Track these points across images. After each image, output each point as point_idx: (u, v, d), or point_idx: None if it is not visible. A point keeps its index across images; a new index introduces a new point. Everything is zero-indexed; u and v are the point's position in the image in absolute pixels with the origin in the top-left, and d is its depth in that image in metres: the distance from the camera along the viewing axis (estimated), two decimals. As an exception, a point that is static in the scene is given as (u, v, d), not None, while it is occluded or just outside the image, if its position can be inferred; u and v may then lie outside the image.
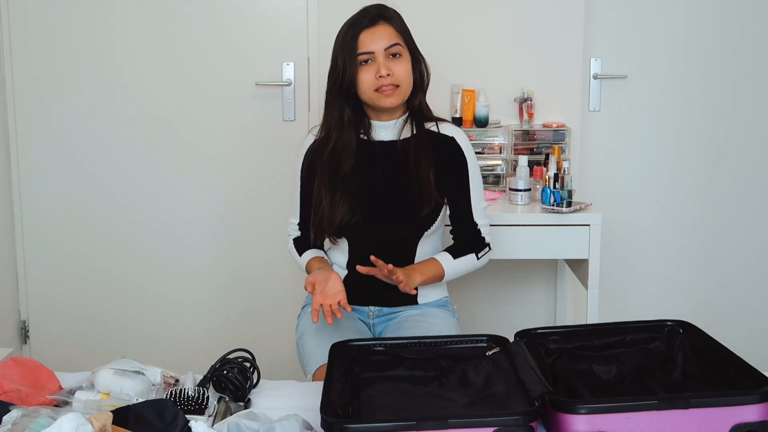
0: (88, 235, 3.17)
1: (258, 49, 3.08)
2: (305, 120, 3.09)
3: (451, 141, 2.16)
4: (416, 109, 2.16)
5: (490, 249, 2.19)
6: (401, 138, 2.15)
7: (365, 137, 2.15)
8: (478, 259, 2.17)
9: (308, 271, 2.16)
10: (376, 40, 2.07)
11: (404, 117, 2.16)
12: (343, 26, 2.13)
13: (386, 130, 2.16)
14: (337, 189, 2.11)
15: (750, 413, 1.41)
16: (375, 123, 2.15)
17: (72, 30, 3.06)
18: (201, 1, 3.06)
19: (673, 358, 1.70)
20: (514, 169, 2.79)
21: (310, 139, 2.21)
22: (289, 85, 3.08)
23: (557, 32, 3.03)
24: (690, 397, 1.42)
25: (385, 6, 2.14)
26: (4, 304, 3.13)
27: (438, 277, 2.14)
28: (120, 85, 3.09)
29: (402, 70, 2.08)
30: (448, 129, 2.18)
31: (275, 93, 3.10)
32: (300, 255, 2.22)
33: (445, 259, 2.14)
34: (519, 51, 3.05)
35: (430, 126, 2.17)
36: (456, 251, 2.16)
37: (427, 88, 2.19)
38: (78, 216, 3.15)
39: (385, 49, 2.07)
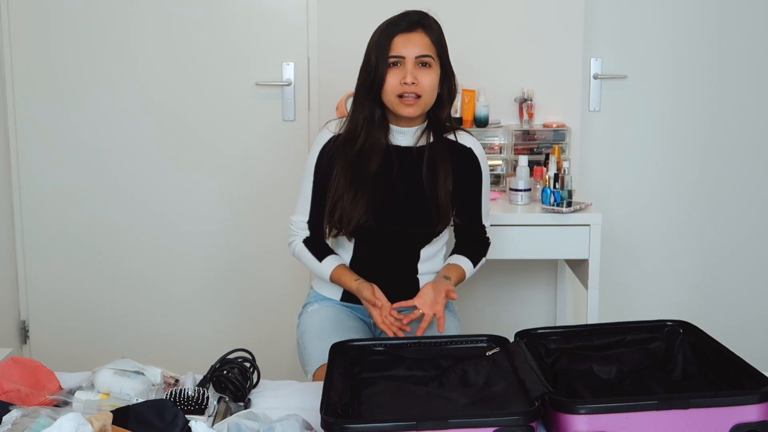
0: (88, 235, 3.17)
1: (258, 49, 3.08)
2: (305, 120, 3.09)
3: (469, 152, 2.17)
4: (439, 122, 2.15)
5: (489, 246, 2.28)
6: (417, 145, 2.15)
7: (384, 140, 2.14)
8: (485, 259, 2.26)
9: (338, 281, 2.14)
10: (409, 45, 2.06)
11: (423, 126, 2.15)
12: (380, 25, 2.12)
13: (404, 135, 2.15)
14: (360, 188, 2.09)
15: (750, 413, 1.41)
16: (393, 127, 2.15)
17: (71, 29, 3.06)
18: (201, 1, 3.06)
19: (673, 358, 1.70)
20: (514, 169, 2.79)
21: (327, 135, 2.17)
22: (289, 85, 3.08)
23: (557, 32, 3.03)
24: (690, 397, 1.42)
25: (427, 14, 2.13)
26: (4, 304, 3.13)
27: (461, 281, 2.20)
28: (120, 85, 3.09)
29: (428, 81, 2.07)
30: (466, 139, 2.19)
31: (275, 93, 3.10)
32: (320, 260, 2.16)
33: (467, 266, 2.19)
34: (519, 51, 3.05)
35: (448, 135, 2.17)
36: (474, 257, 2.21)
37: (452, 104, 2.19)
38: (78, 216, 3.15)
39: (416, 57, 2.06)
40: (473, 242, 2.24)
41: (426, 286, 2.07)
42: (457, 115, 2.99)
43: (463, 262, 2.19)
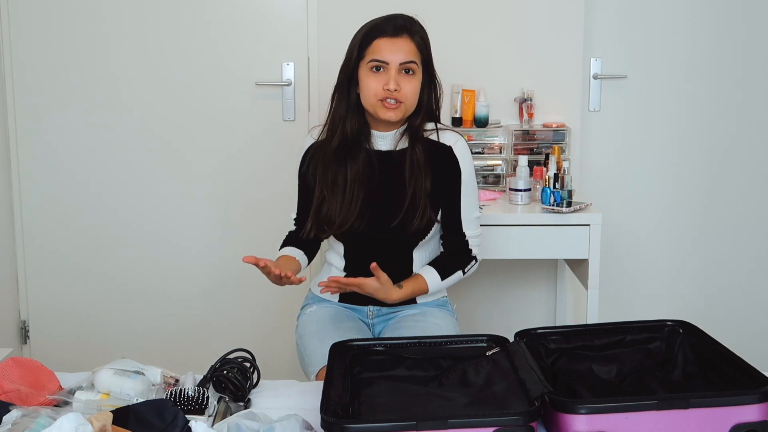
0: (88, 236, 3.17)
1: (258, 49, 3.08)
2: (305, 120, 3.09)
3: (448, 150, 2.13)
4: (415, 127, 2.12)
5: (476, 262, 2.18)
6: (397, 149, 2.13)
7: (366, 145, 2.14)
8: (464, 274, 2.17)
9: None
10: (394, 51, 2.04)
11: (402, 129, 2.14)
12: (364, 25, 2.10)
13: (384, 140, 2.14)
14: (339, 189, 2.09)
15: (750, 413, 1.41)
16: (374, 132, 2.14)
17: (71, 31, 3.06)
18: (201, 2, 3.06)
19: (673, 358, 1.70)
20: (514, 169, 2.79)
21: (309, 141, 2.19)
22: (289, 85, 3.08)
23: (557, 32, 3.03)
24: (690, 397, 1.42)
25: (414, 19, 2.10)
26: (4, 304, 3.13)
27: (421, 293, 2.14)
28: (119, 85, 3.09)
29: (410, 88, 2.05)
30: (448, 137, 2.15)
31: (275, 93, 3.10)
32: (279, 249, 2.20)
33: (432, 278, 2.13)
34: (519, 51, 3.05)
35: (430, 134, 2.14)
36: (445, 270, 2.14)
37: (438, 111, 2.17)
38: (78, 216, 3.15)
39: (400, 64, 2.04)
40: (453, 254, 2.16)
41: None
42: (457, 115, 2.99)
43: (430, 274, 2.13)
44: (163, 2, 3.05)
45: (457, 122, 2.98)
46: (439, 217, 2.15)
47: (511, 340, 1.71)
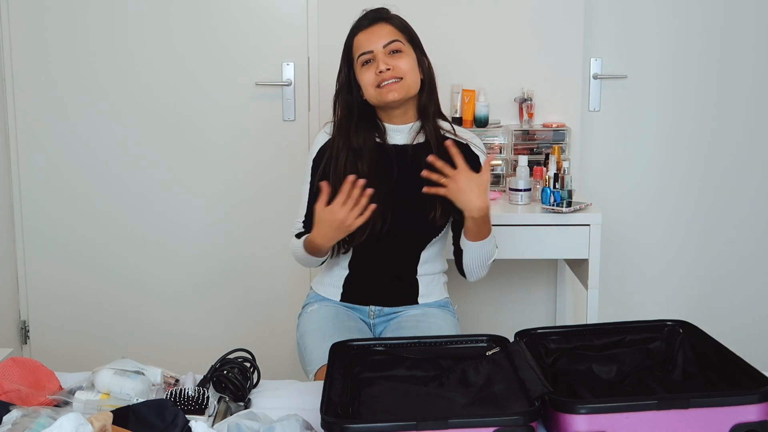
0: (88, 235, 3.17)
1: (258, 49, 3.08)
2: (305, 120, 3.09)
3: (466, 147, 2.14)
4: (427, 111, 2.12)
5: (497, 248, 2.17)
6: (414, 143, 2.13)
7: (380, 140, 2.13)
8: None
9: (310, 247, 2.03)
10: (374, 39, 2.06)
11: (417, 124, 2.14)
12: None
13: (400, 134, 2.14)
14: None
15: (750, 413, 1.40)
16: (388, 126, 2.14)
17: (72, 28, 3.06)
18: (201, 2, 3.06)
19: (673, 358, 1.70)
20: (514, 169, 2.79)
21: (324, 137, 2.17)
22: (289, 85, 3.08)
23: (557, 32, 3.03)
24: (690, 397, 1.42)
25: (385, 8, 2.12)
26: (4, 304, 3.13)
27: (487, 233, 2.07)
28: (120, 84, 3.10)
29: (403, 64, 2.05)
30: (464, 134, 2.17)
31: (275, 93, 3.10)
32: (297, 237, 2.11)
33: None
34: (519, 51, 3.05)
35: (445, 132, 2.15)
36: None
37: (435, 91, 2.16)
38: (78, 215, 3.16)
39: (384, 47, 2.05)
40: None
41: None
42: (457, 115, 2.99)
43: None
44: (163, 2, 3.05)
45: (457, 122, 2.97)
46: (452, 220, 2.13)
47: (511, 340, 1.71)
